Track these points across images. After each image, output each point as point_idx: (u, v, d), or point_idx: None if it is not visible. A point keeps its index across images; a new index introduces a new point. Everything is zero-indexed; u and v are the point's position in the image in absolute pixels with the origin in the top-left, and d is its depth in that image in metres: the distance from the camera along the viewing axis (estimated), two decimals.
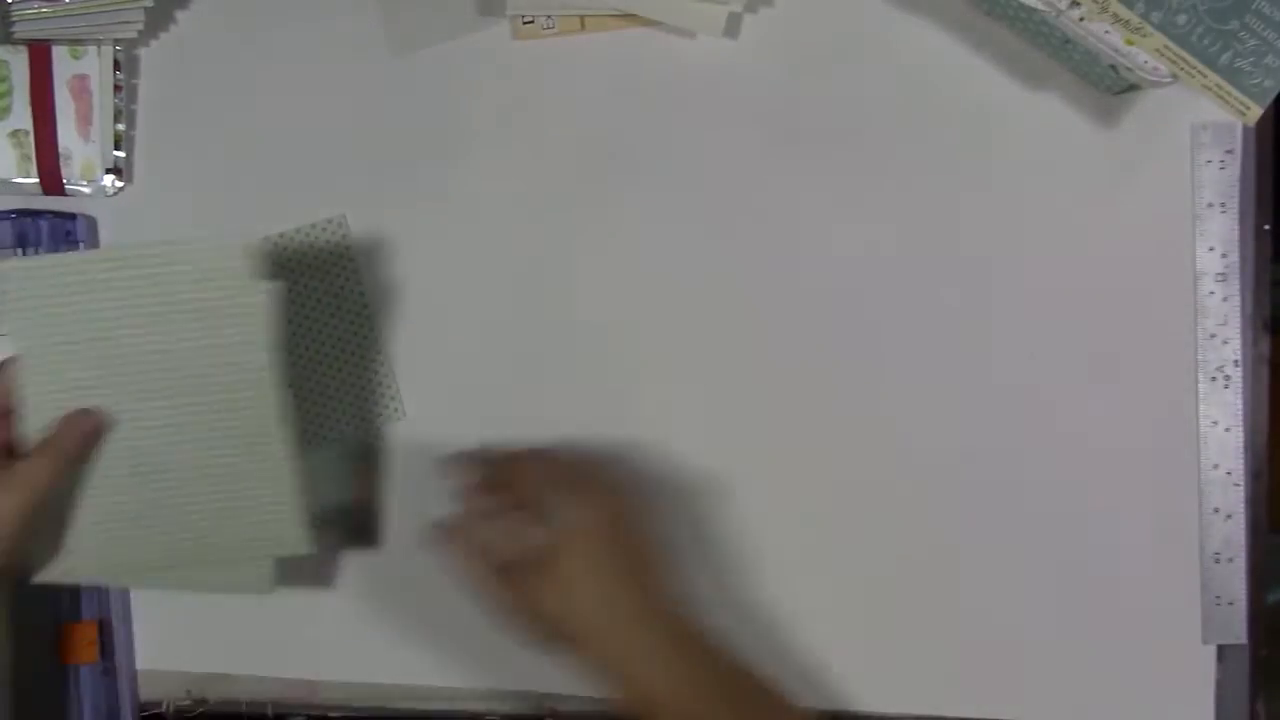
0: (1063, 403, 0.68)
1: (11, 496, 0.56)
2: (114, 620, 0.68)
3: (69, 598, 0.68)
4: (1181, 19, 0.61)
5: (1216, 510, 0.67)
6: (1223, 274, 0.67)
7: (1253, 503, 0.68)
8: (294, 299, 0.69)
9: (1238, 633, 0.67)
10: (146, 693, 0.69)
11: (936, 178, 0.68)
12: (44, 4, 0.65)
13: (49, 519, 0.60)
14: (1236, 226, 0.67)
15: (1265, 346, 0.68)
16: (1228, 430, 0.67)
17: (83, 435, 0.58)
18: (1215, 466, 0.67)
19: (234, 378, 0.60)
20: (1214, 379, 0.67)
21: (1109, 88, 0.66)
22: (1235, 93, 0.61)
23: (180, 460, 0.60)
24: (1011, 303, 0.68)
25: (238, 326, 0.59)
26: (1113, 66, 0.63)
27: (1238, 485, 0.67)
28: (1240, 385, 0.67)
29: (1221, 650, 0.67)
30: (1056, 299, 0.68)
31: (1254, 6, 0.60)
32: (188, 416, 0.60)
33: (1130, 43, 0.61)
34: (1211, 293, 0.67)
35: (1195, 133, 0.67)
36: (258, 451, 0.61)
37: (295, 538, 0.62)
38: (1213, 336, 0.67)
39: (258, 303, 0.59)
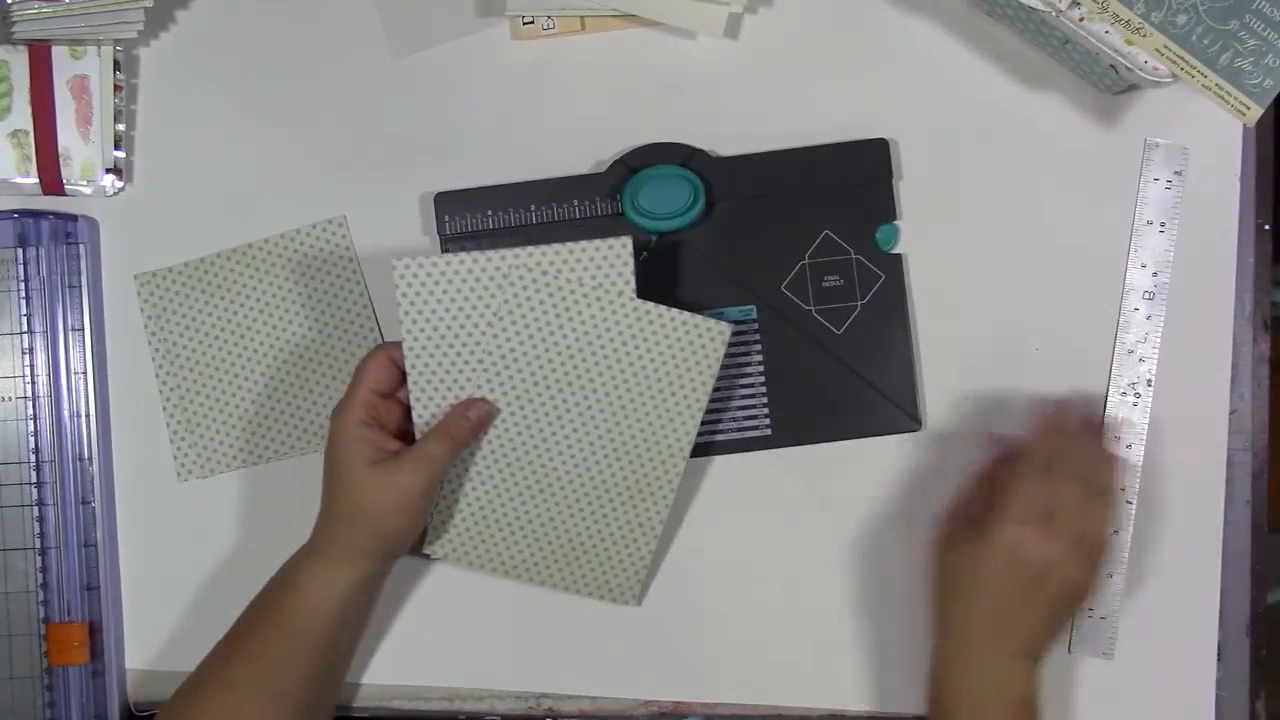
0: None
1: (416, 475, 0.60)
2: (104, 622, 0.68)
3: (58, 598, 0.68)
4: (1181, 19, 0.61)
5: None
6: (1150, 293, 0.67)
7: (1253, 503, 0.68)
8: (294, 300, 0.69)
9: (1106, 648, 0.67)
10: (142, 693, 0.69)
11: (936, 178, 0.68)
12: (44, 4, 0.65)
13: (442, 501, 0.64)
14: (1173, 247, 0.67)
15: (1265, 346, 0.68)
16: (1129, 448, 0.67)
17: (473, 422, 0.62)
18: None
19: (657, 425, 0.63)
20: (1124, 394, 0.67)
21: (1109, 88, 0.66)
22: (1235, 93, 0.62)
23: (574, 480, 0.64)
24: (1015, 302, 0.68)
25: (688, 380, 0.62)
26: (1113, 66, 0.63)
27: (1130, 503, 0.67)
28: (1149, 406, 0.67)
29: (1221, 650, 0.67)
30: (1053, 298, 0.68)
31: (1254, 6, 0.60)
32: (596, 440, 0.63)
33: (1130, 43, 0.61)
34: (1136, 309, 0.67)
35: (1146, 149, 0.67)
36: (642, 502, 0.64)
37: (631, 592, 0.66)
38: (1130, 353, 0.67)
39: (715, 361, 0.62)
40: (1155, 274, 0.67)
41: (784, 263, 0.67)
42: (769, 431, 0.67)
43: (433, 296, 0.62)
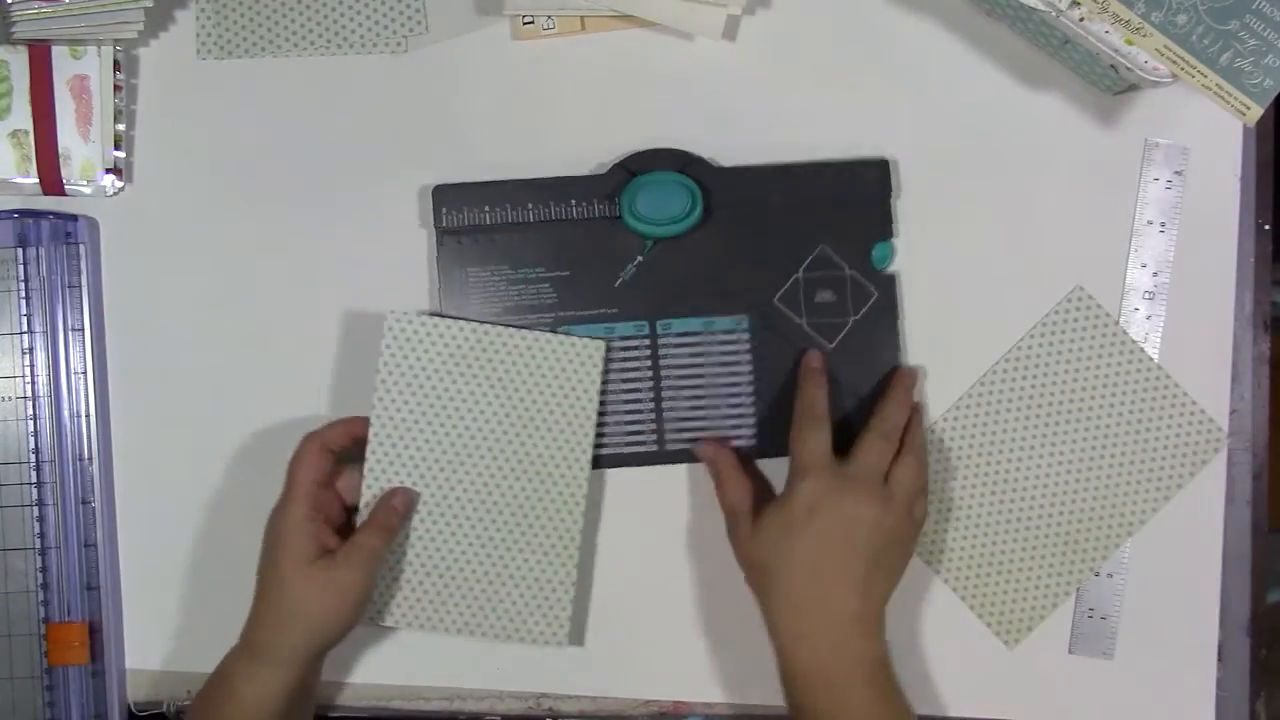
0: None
1: (357, 570, 0.61)
2: (104, 622, 0.68)
3: (58, 598, 0.68)
4: (1181, 19, 0.61)
5: None
6: (1150, 293, 0.67)
7: (1253, 503, 0.68)
8: None
9: (1106, 648, 0.67)
10: (145, 693, 0.69)
11: (936, 176, 0.68)
12: (44, 4, 0.65)
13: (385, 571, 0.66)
14: (1173, 247, 0.67)
15: (1265, 346, 0.68)
16: None
17: (400, 511, 0.64)
18: None
19: (558, 457, 0.65)
20: None
21: (1109, 88, 0.66)
22: (1235, 93, 0.61)
23: (489, 525, 0.66)
24: (1015, 303, 0.68)
25: (572, 410, 0.65)
26: (1113, 66, 0.63)
27: None
28: None
29: (1221, 650, 0.67)
30: (1053, 299, 0.68)
31: (1254, 6, 0.60)
32: (504, 485, 0.65)
33: (1130, 43, 0.61)
34: (1136, 309, 0.67)
35: (1146, 149, 0.67)
36: (554, 532, 0.66)
37: (555, 629, 0.66)
38: None
39: (594, 392, 0.65)
40: (1155, 274, 0.67)
41: (778, 275, 0.67)
42: (754, 442, 0.67)
43: (414, 354, 0.65)
